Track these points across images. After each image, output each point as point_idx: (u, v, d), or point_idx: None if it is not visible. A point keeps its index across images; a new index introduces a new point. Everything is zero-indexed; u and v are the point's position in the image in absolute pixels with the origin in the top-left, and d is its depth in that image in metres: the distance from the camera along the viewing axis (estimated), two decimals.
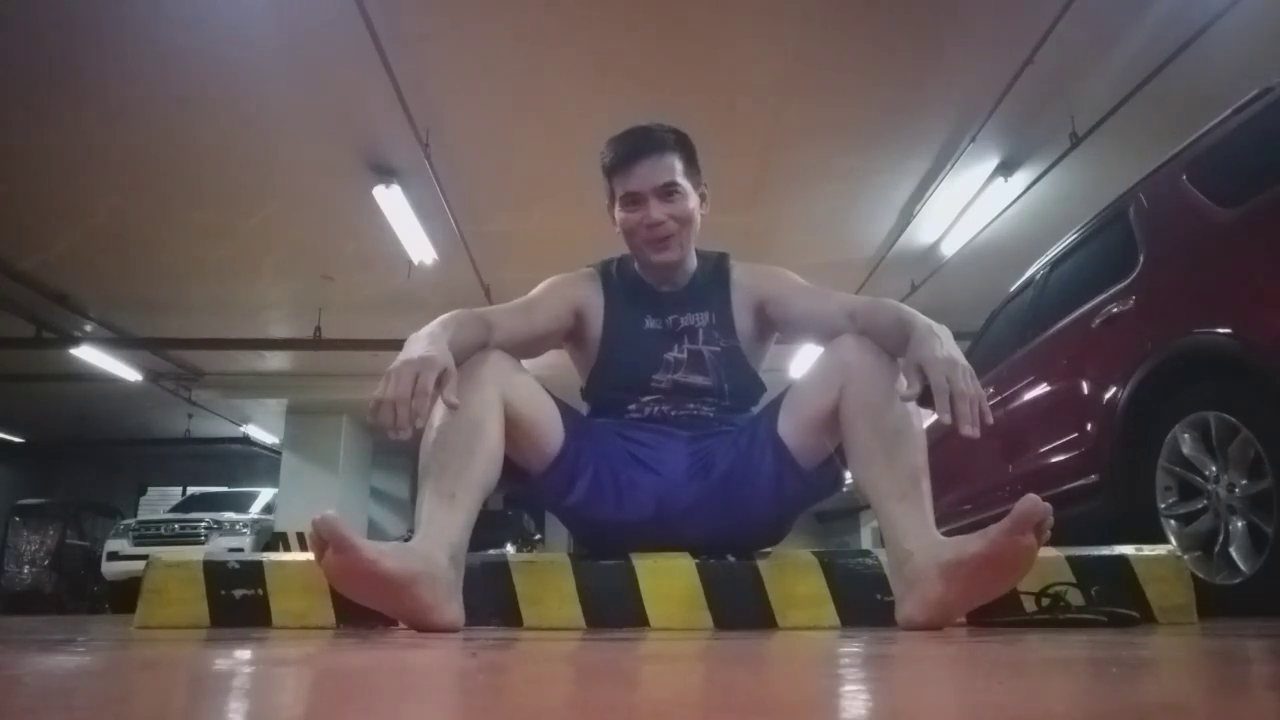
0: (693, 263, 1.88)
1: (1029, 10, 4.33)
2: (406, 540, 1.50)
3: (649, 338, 1.85)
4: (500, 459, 1.58)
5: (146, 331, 8.77)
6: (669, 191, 1.74)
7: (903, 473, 1.50)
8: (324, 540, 1.30)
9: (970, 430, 1.32)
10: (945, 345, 1.40)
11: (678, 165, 1.75)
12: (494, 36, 4.60)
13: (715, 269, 1.89)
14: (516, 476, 1.72)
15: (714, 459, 1.77)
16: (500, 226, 6.66)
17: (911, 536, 1.44)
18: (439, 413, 1.54)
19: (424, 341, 1.44)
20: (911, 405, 1.48)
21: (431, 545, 1.43)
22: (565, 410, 1.74)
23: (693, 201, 1.78)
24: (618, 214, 1.80)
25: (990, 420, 1.35)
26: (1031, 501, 1.29)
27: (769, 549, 1.88)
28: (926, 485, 1.51)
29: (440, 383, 1.39)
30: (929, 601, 1.38)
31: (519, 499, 1.78)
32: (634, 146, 1.75)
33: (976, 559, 1.33)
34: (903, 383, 1.44)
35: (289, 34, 4.50)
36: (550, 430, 1.70)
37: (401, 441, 1.40)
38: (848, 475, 1.69)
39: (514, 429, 1.62)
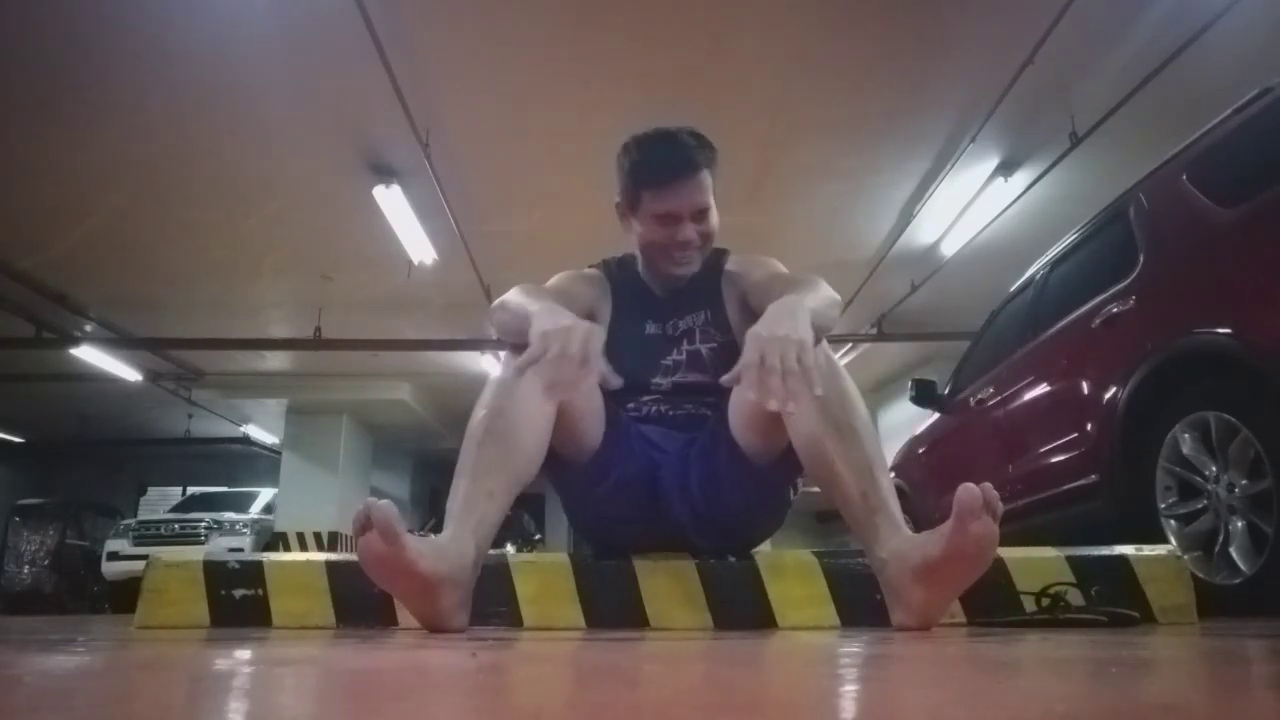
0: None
1: (1029, 10, 4.32)
2: (433, 531, 1.48)
3: (649, 343, 1.85)
4: (543, 457, 1.56)
5: (146, 331, 8.77)
6: (702, 213, 1.75)
7: (856, 469, 1.45)
8: (371, 524, 1.27)
9: (775, 406, 1.28)
10: (783, 322, 1.35)
11: (709, 182, 1.74)
12: (494, 37, 4.60)
13: (712, 266, 1.89)
14: (550, 462, 1.68)
15: (692, 462, 1.77)
16: (500, 226, 6.66)
17: (881, 542, 1.43)
18: (491, 396, 1.52)
19: (559, 312, 1.40)
20: (854, 400, 1.47)
21: (464, 546, 1.40)
22: (608, 403, 1.71)
23: (716, 216, 1.78)
24: (643, 225, 1.76)
25: (796, 403, 1.28)
26: (967, 490, 1.27)
27: (765, 543, 1.89)
28: (886, 480, 1.47)
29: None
30: (914, 607, 1.39)
31: (549, 481, 1.75)
32: (674, 166, 1.71)
33: (942, 560, 1.32)
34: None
35: (289, 34, 4.50)
36: (596, 425, 1.68)
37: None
38: None
39: (562, 421, 1.58)
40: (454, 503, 1.46)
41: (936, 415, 4.57)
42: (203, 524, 10.81)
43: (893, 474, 2.88)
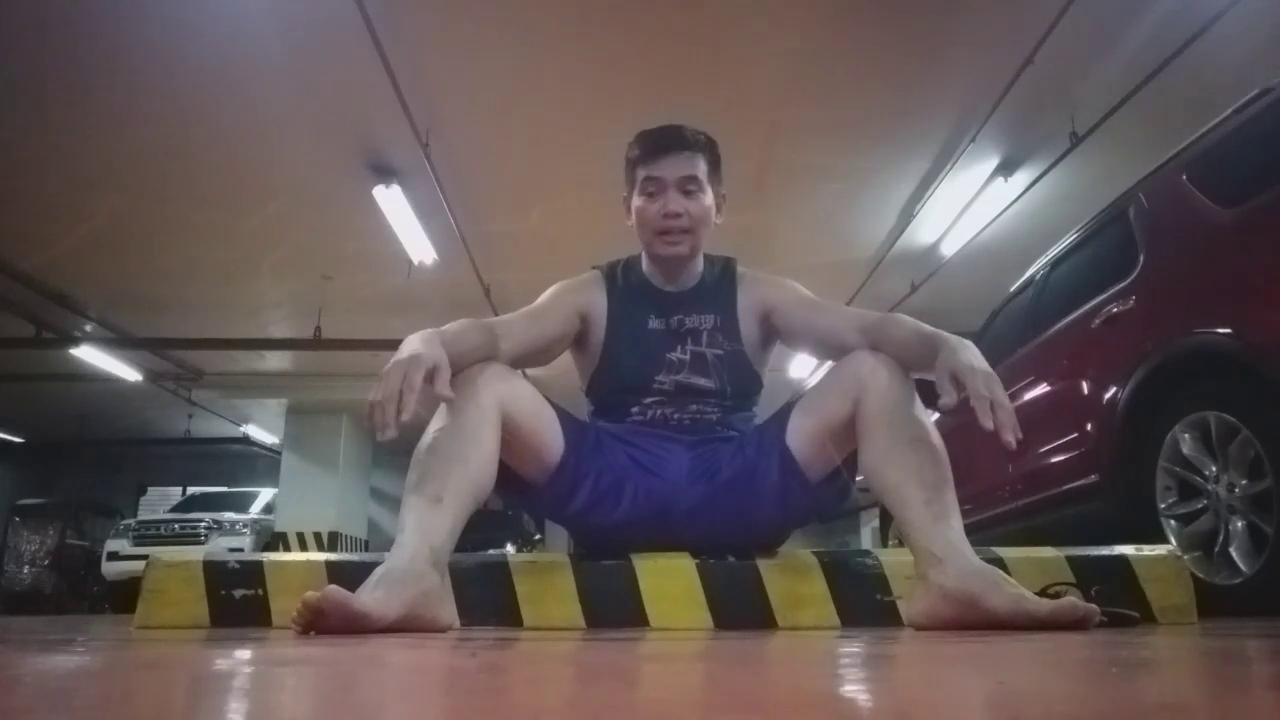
0: (700, 265, 1.89)
1: (1029, 10, 4.32)
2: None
3: (652, 337, 1.84)
4: (494, 470, 1.57)
5: (146, 331, 8.77)
6: (690, 187, 1.77)
7: (925, 479, 1.50)
8: (324, 613, 1.26)
9: (1009, 437, 1.36)
10: (977, 357, 1.45)
11: (703, 165, 1.79)
12: (494, 37, 4.59)
13: (722, 272, 1.90)
14: (517, 487, 1.73)
15: (719, 463, 1.77)
16: (500, 226, 6.66)
17: (940, 543, 1.45)
18: (435, 421, 1.54)
19: (415, 342, 1.46)
20: (929, 420, 1.50)
21: (413, 557, 1.41)
22: (565, 419, 1.74)
23: (710, 201, 1.80)
24: (635, 203, 1.81)
25: (1020, 434, 1.38)
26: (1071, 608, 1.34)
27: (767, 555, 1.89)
28: (952, 496, 1.51)
29: (430, 378, 1.39)
30: (942, 619, 1.40)
31: (520, 508, 1.78)
32: (665, 140, 1.79)
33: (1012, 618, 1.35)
34: (944, 392, 1.43)
35: (289, 34, 4.50)
36: (550, 441, 1.70)
37: (394, 441, 1.39)
38: (857, 480, 1.70)
39: (513, 440, 1.62)
40: (403, 515, 1.48)
41: (936, 415, 4.57)
42: (203, 524, 10.81)
43: None
